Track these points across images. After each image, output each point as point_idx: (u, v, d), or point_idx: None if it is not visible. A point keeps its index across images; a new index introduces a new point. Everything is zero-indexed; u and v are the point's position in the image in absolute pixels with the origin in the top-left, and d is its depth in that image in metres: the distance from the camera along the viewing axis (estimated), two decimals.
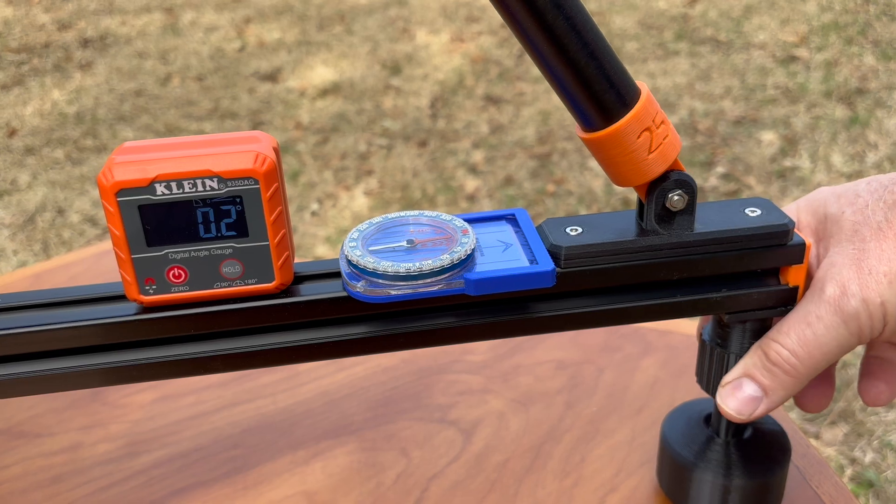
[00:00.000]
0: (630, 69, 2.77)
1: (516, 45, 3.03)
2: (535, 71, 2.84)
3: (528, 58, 2.87)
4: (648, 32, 3.10)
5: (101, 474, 0.50)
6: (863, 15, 3.02)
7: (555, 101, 2.60)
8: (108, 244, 0.76)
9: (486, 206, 2.10)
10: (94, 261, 0.72)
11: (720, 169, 2.17)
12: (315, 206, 2.16)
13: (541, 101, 2.64)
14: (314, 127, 2.59)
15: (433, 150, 2.40)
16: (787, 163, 2.17)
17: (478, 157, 2.34)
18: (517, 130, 2.47)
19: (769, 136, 2.30)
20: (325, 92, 2.83)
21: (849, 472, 1.30)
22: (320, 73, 2.98)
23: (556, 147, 2.35)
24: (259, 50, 3.24)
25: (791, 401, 0.44)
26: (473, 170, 2.28)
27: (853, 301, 0.36)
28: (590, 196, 2.09)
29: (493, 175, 2.24)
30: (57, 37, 3.51)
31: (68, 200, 2.27)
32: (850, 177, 2.08)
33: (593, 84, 0.34)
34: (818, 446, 1.35)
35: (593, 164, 2.24)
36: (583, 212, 2.04)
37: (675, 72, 2.75)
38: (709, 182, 2.11)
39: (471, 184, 2.20)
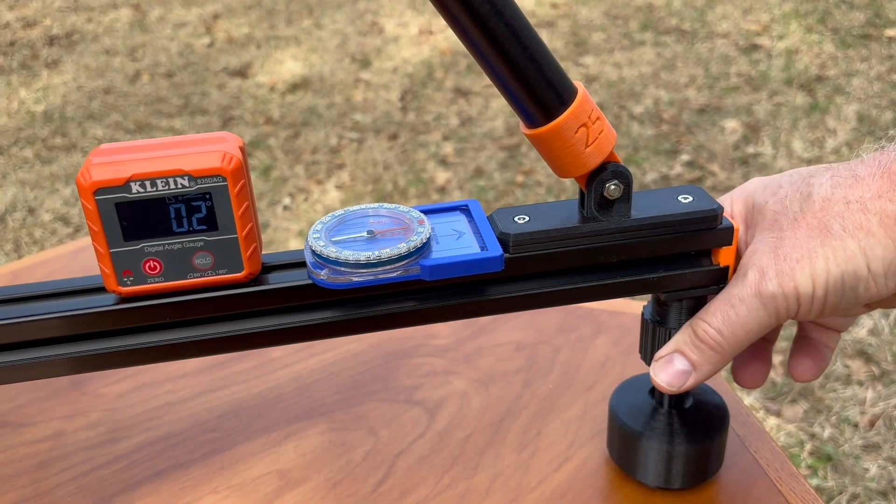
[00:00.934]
0: (596, 60, 2.81)
1: None
2: None
3: None
4: (614, 23, 3.14)
5: (83, 459, 0.53)
6: (822, 3, 3.09)
7: None
8: (83, 241, 0.78)
9: (456, 198, 2.13)
10: (70, 257, 0.75)
11: (685, 157, 2.21)
12: (287, 201, 2.17)
13: None
14: (285, 121, 2.60)
15: (404, 142, 2.42)
16: (750, 150, 2.22)
17: (448, 149, 2.37)
18: (486, 122, 2.50)
19: (732, 124, 2.36)
20: (294, 86, 2.84)
21: (808, 447, 1.35)
22: (290, 67, 2.99)
23: (526, 139, 2.38)
24: (228, 45, 3.24)
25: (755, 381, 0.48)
26: (444, 162, 2.31)
27: (770, 285, 0.39)
28: (558, 186, 2.13)
29: (464, 167, 2.27)
30: (22, 35, 3.48)
31: (38, 199, 2.27)
32: (811, 162, 2.14)
33: (533, 85, 0.37)
34: (780, 423, 1.40)
35: None
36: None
37: (641, 62, 2.79)
38: (674, 170, 2.16)
39: (441, 176, 2.23)
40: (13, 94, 2.93)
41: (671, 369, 0.43)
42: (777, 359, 1.52)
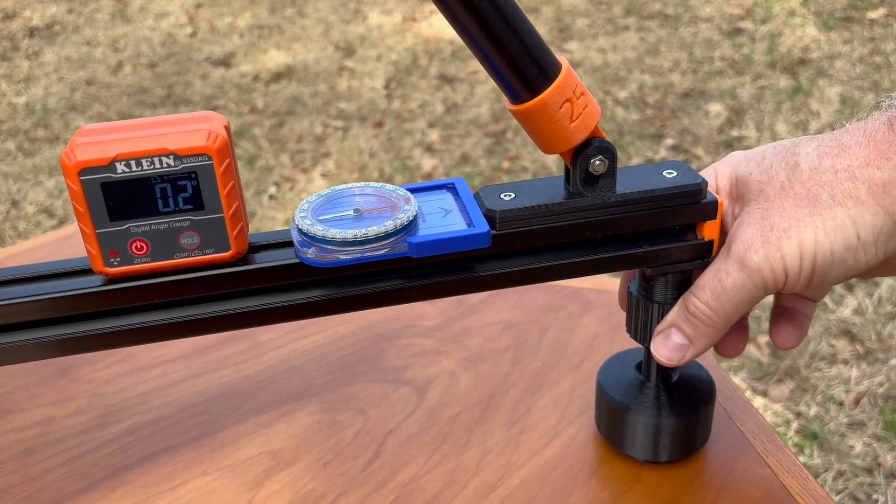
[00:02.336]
0: (580, 45, 2.81)
1: None
2: None
3: None
4: (598, 8, 3.14)
5: (73, 444, 0.53)
6: None
7: None
8: (68, 229, 0.78)
9: None
10: (55, 245, 0.74)
11: (669, 141, 2.22)
12: (273, 190, 2.17)
13: None
14: (269, 111, 2.59)
15: (389, 130, 2.42)
16: (734, 133, 2.23)
17: (434, 136, 2.37)
18: (472, 109, 2.50)
19: (716, 108, 2.36)
20: (278, 75, 2.82)
21: (795, 425, 1.37)
22: (273, 56, 2.98)
23: (511, 124, 2.38)
24: (211, 35, 3.22)
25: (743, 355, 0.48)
26: (430, 149, 2.30)
27: (755, 256, 0.39)
28: (544, 171, 2.13)
29: (450, 153, 2.27)
30: (2, 26, 3.45)
31: (22, 192, 2.26)
32: None
33: (517, 60, 0.37)
34: (766, 403, 1.41)
35: None
36: None
37: (625, 47, 2.80)
38: (659, 154, 2.17)
39: (427, 163, 2.23)
40: None
41: (669, 344, 0.43)
42: (763, 339, 1.53)
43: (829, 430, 1.35)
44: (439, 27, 3.06)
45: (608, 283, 0.65)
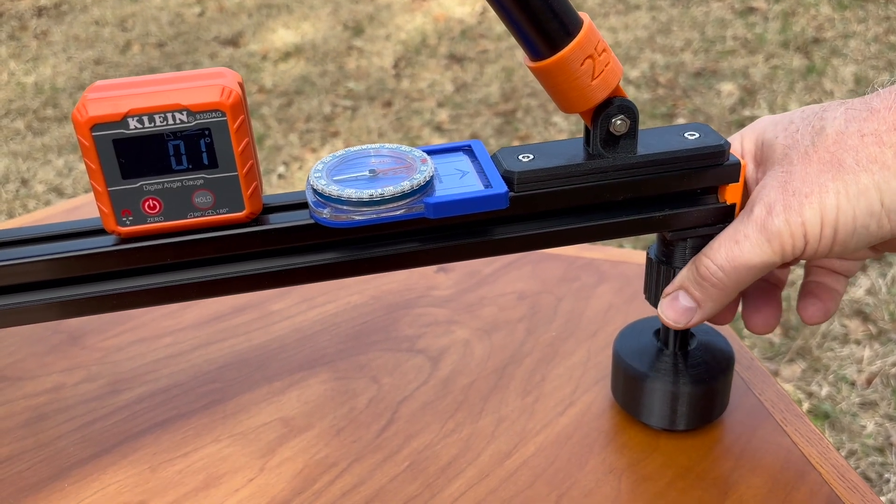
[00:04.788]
0: None
1: (478, 2, 3.03)
2: (498, 28, 2.85)
3: (490, 14, 2.87)
4: None
5: (84, 411, 0.52)
6: None
7: (518, 58, 2.62)
8: (77, 200, 0.78)
9: None
10: (64, 216, 0.74)
11: (681, 120, 2.20)
12: (282, 170, 2.16)
13: (504, 59, 2.65)
14: (278, 90, 2.58)
15: (398, 110, 2.41)
16: (747, 112, 2.21)
17: (443, 115, 2.35)
18: (481, 88, 2.48)
19: (728, 87, 2.34)
20: (287, 55, 2.81)
21: (806, 405, 1.36)
22: (282, 35, 2.96)
23: (521, 104, 2.37)
24: (219, 14, 3.20)
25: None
26: (439, 128, 2.29)
27: (777, 220, 0.38)
28: None
29: (459, 133, 2.25)
30: (10, 6, 3.43)
31: (31, 171, 2.25)
32: None
33: (538, 15, 0.36)
34: (778, 382, 1.40)
35: (557, 119, 2.26)
36: None
37: (636, 26, 2.77)
38: None
39: (436, 143, 2.22)
40: (2, 66, 2.89)
41: (677, 306, 0.43)
42: None
43: (840, 409, 1.34)
44: (448, 6, 3.04)
45: (623, 255, 0.64)
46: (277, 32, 2.99)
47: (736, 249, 0.40)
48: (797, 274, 1.49)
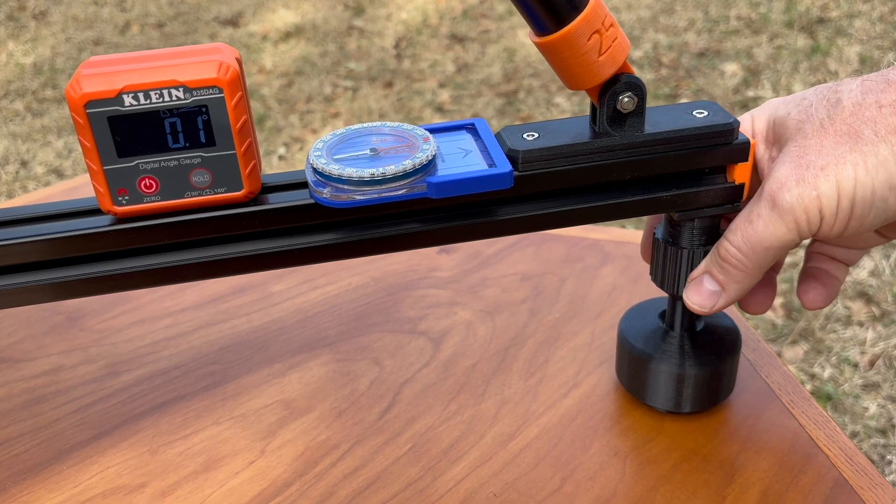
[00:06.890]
0: None
1: None
2: (500, 8, 2.82)
3: None
4: None
5: (83, 393, 0.52)
6: None
7: (520, 38, 2.60)
8: (75, 181, 0.77)
9: None
10: (62, 196, 0.73)
11: (684, 101, 2.18)
12: (282, 151, 2.15)
13: (506, 39, 2.63)
14: (278, 71, 2.56)
15: (399, 90, 2.39)
16: (750, 93, 2.19)
17: (444, 96, 2.34)
18: (483, 69, 2.46)
19: (732, 68, 2.32)
20: (287, 35, 2.79)
21: (808, 387, 1.35)
22: (282, 16, 2.94)
23: (523, 84, 2.35)
24: None
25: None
26: (440, 109, 2.28)
27: (788, 195, 0.37)
28: None
29: (460, 114, 2.24)
30: None
31: (31, 152, 2.24)
32: None
33: None
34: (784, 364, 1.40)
35: (559, 100, 2.25)
36: None
37: (639, 6, 2.74)
38: None
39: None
40: (1, 47, 2.87)
41: (701, 290, 0.42)
42: (777, 301, 1.52)
43: (843, 391, 1.34)
44: None
45: (627, 235, 0.63)
46: (277, 12, 2.96)
47: (750, 229, 0.39)
48: (798, 256, 1.48)
